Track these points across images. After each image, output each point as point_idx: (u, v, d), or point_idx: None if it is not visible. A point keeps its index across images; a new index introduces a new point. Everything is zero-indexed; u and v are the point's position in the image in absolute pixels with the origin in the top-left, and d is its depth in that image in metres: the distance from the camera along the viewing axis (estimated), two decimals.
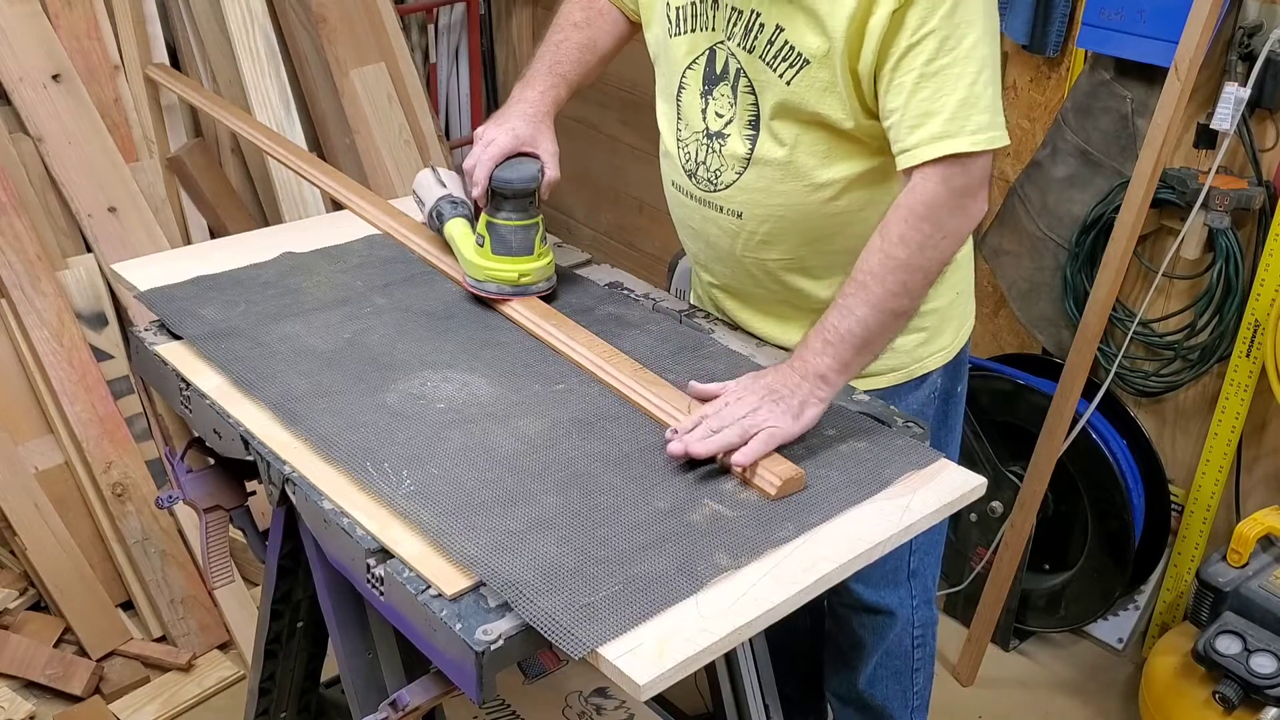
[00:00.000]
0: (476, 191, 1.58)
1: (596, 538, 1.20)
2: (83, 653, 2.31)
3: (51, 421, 2.32)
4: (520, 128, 1.60)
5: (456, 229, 1.66)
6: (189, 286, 1.65)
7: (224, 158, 2.68)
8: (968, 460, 2.04)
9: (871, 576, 1.80)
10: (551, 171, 1.60)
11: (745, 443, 1.31)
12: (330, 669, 1.71)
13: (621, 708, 1.95)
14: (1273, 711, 1.99)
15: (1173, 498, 2.41)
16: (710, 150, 1.55)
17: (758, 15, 1.44)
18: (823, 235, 1.54)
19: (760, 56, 1.45)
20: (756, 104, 1.48)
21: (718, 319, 1.69)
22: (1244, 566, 2.11)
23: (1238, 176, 2.17)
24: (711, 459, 1.32)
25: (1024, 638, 2.59)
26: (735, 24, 1.47)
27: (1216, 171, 2.13)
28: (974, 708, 2.41)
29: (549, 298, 1.66)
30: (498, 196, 1.56)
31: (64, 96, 2.37)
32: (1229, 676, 2.02)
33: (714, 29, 1.50)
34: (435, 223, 1.71)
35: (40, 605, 2.38)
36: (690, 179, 1.59)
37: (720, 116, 1.53)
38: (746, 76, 1.48)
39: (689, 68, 1.55)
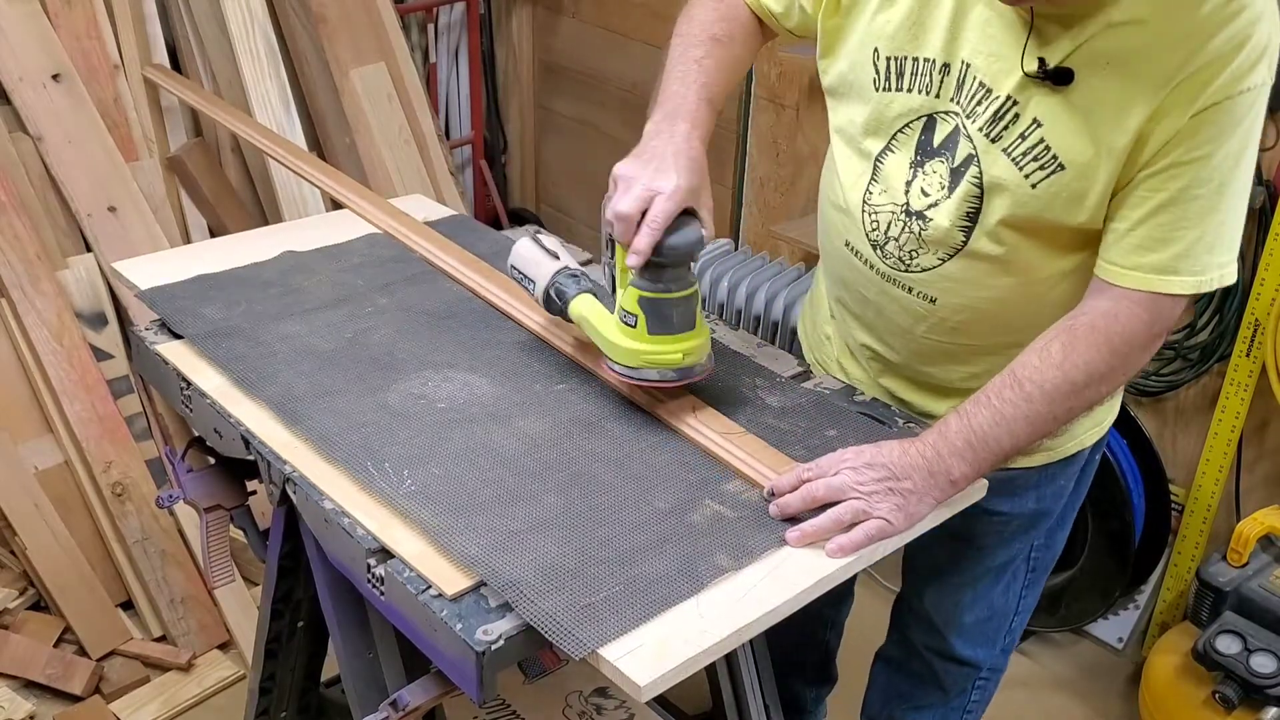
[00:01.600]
0: (635, 260, 1.27)
1: (597, 538, 1.20)
2: (83, 652, 2.31)
3: (51, 421, 2.32)
4: (685, 181, 1.29)
5: (587, 307, 1.39)
6: (190, 285, 1.65)
7: (224, 157, 2.68)
8: None
9: (975, 634, 1.74)
10: (710, 230, 1.32)
11: (847, 528, 1.21)
12: (330, 669, 1.71)
13: (622, 708, 1.95)
14: (1273, 711, 1.99)
15: (1173, 497, 2.41)
16: (907, 230, 1.37)
17: (1013, 104, 1.26)
18: (1029, 324, 1.35)
19: (1004, 149, 1.27)
20: (981, 198, 1.31)
21: (717, 320, 1.69)
22: (1244, 566, 2.11)
23: None
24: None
25: (1024, 637, 2.59)
26: (978, 102, 1.29)
27: None
28: None
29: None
30: (655, 266, 1.28)
31: (64, 96, 2.37)
32: (1229, 676, 2.02)
33: (937, 95, 1.32)
34: (556, 303, 1.43)
35: (40, 605, 2.38)
36: (874, 250, 1.41)
37: (926, 196, 1.35)
38: (979, 166, 1.30)
39: (901, 130, 1.36)
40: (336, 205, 2.02)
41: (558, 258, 1.46)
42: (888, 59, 1.35)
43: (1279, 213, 2.10)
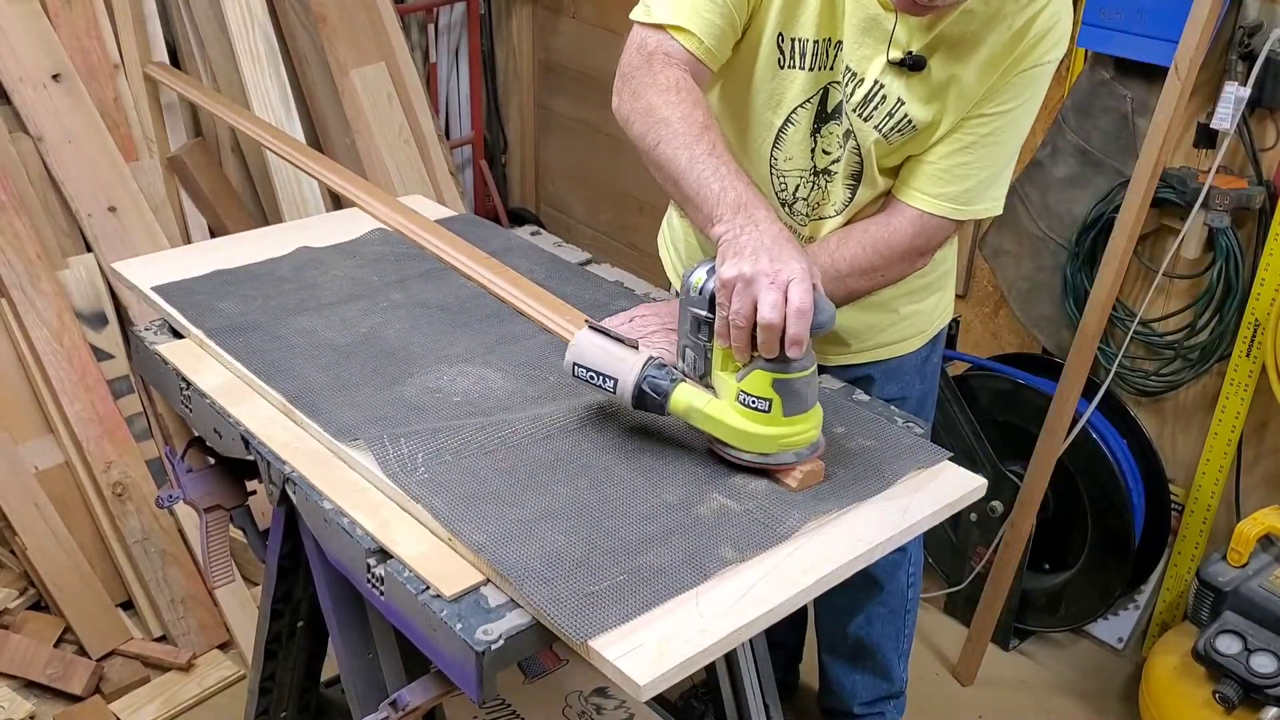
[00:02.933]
0: (798, 351, 1.20)
1: (604, 528, 1.21)
2: (83, 652, 2.31)
3: (51, 421, 2.32)
4: (805, 261, 1.24)
5: (694, 398, 1.28)
6: (206, 281, 1.67)
7: (224, 157, 2.68)
8: (968, 460, 2.04)
9: None
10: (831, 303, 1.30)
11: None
12: (330, 669, 1.71)
13: (621, 708, 1.95)
14: (1273, 711, 1.99)
15: (1173, 497, 2.41)
16: (815, 186, 1.58)
17: (880, 86, 1.47)
18: None
19: (875, 125, 1.49)
20: (861, 162, 1.53)
21: None
22: (1244, 566, 2.11)
23: (1238, 176, 2.17)
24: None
25: (1024, 637, 2.59)
26: (852, 87, 1.49)
27: (1217, 171, 2.13)
28: (974, 707, 2.41)
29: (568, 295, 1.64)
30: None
31: (64, 96, 2.37)
32: (1229, 676, 2.02)
33: (833, 69, 1.49)
34: (654, 398, 1.29)
35: (40, 605, 2.38)
36: (784, 208, 1.60)
37: (828, 154, 1.55)
38: (855, 139, 1.51)
39: (801, 106, 1.53)
40: (337, 204, 2.02)
41: (636, 347, 1.31)
42: (793, 41, 1.49)
43: (1279, 213, 2.10)
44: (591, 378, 1.31)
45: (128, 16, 2.49)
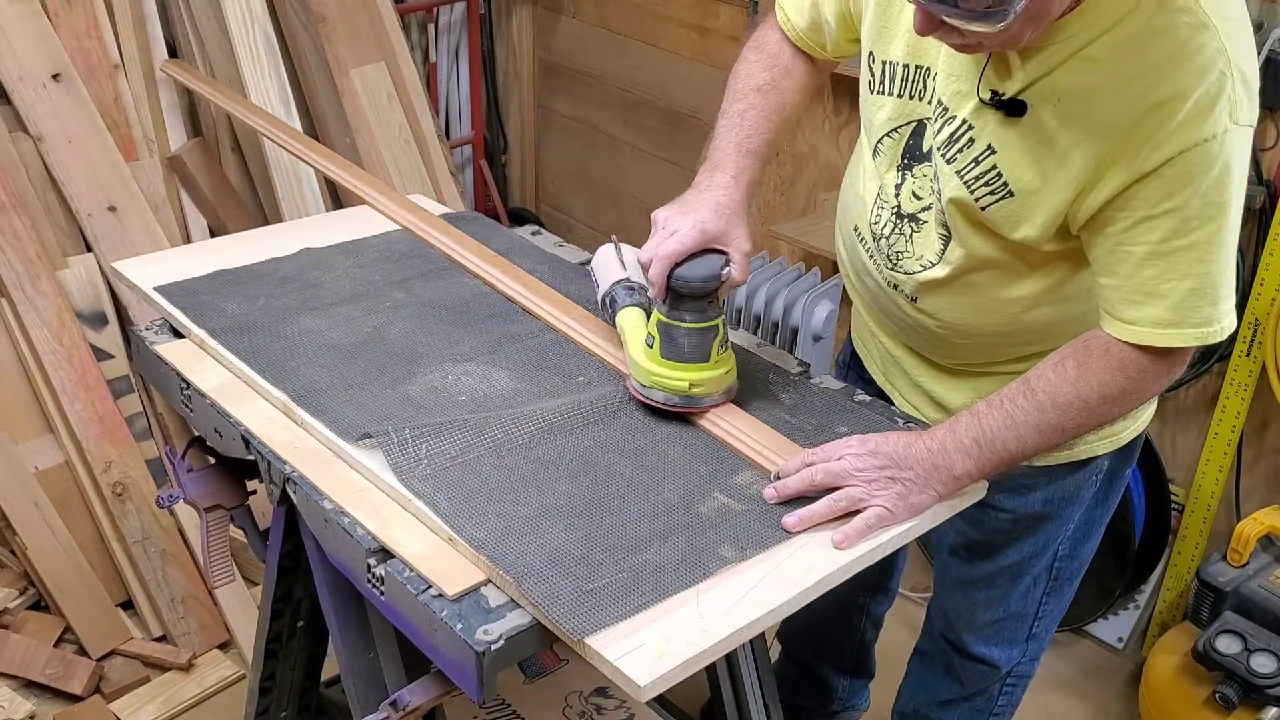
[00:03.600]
0: (654, 291, 1.37)
1: (605, 526, 1.21)
2: (83, 652, 2.31)
3: (51, 421, 2.32)
4: (709, 221, 1.36)
5: (628, 321, 1.46)
6: (209, 280, 1.67)
7: (224, 157, 2.68)
8: None
9: (989, 633, 1.76)
10: (739, 273, 1.37)
11: (844, 514, 1.23)
12: (330, 669, 1.71)
13: (621, 708, 1.95)
14: (1273, 711, 1.99)
15: (1173, 497, 2.41)
16: (898, 230, 1.43)
17: (968, 128, 1.29)
18: (1007, 342, 1.44)
19: (958, 171, 1.31)
20: (944, 211, 1.36)
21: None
22: (1244, 566, 2.11)
23: None
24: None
25: None
26: (940, 122, 1.32)
27: None
28: None
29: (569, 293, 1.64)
30: (673, 294, 1.35)
31: (64, 96, 2.37)
32: (1229, 676, 2.02)
33: (929, 102, 1.33)
34: (607, 311, 1.51)
35: (40, 605, 2.38)
36: (875, 241, 1.47)
37: (918, 199, 1.39)
38: (938, 183, 1.35)
39: (888, 135, 1.40)
40: (336, 204, 2.02)
41: (625, 269, 1.51)
42: (883, 64, 1.38)
43: (1279, 213, 2.10)
44: (594, 280, 1.57)
45: (128, 16, 2.49)
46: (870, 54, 1.39)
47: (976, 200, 1.30)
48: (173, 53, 2.64)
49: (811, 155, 2.86)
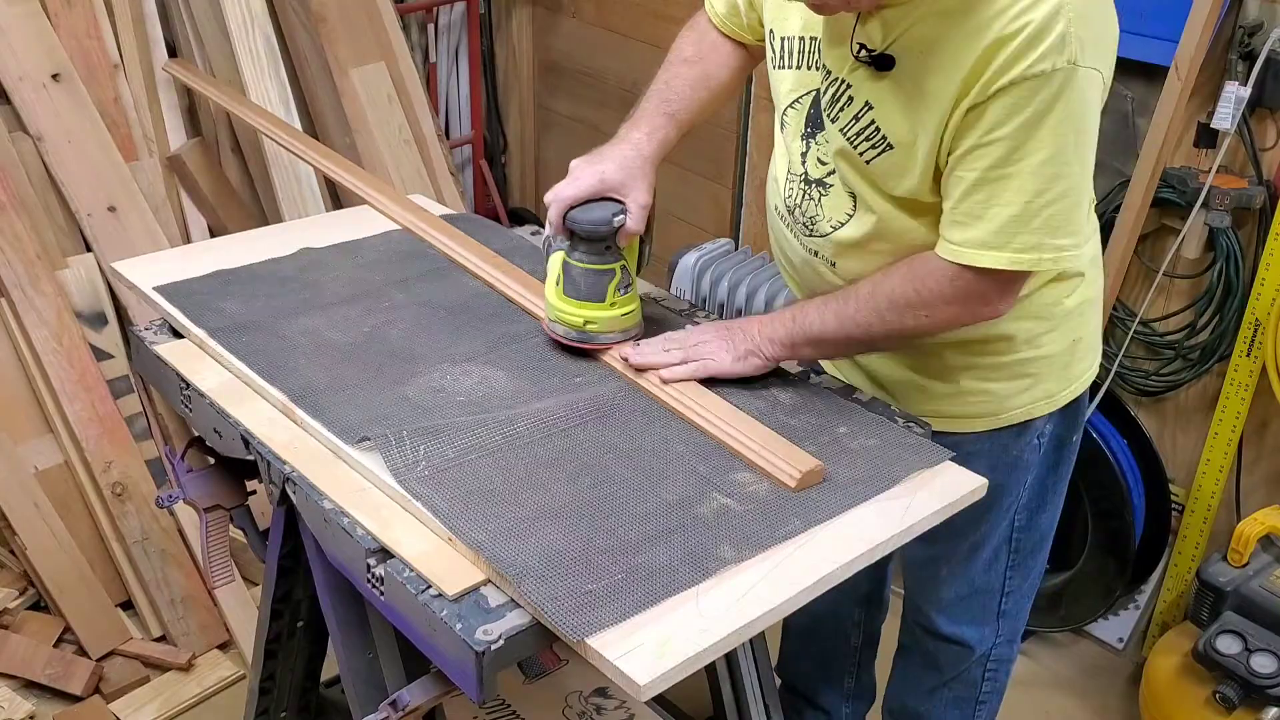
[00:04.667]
0: (549, 230, 1.49)
1: (603, 527, 1.21)
2: (83, 652, 2.31)
3: (51, 421, 2.32)
4: (610, 172, 1.47)
5: (552, 263, 1.53)
6: (208, 280, 1.67)
7: (224, 157, 2.68)
8: None
9: (957, 611, 1.79)
10: (632, 223, 1.46)
11: (683, 364, 1.43)
12: (330, 669, 1.71)
13: (621, 708, 1.95)
14: (1273, 711, 1.98)
15: (1173, 497, 2.41)
16: (807, 197, 1.50)
17: (847, 86, 1.37)
18: None
19: (841, 129, 1.39)
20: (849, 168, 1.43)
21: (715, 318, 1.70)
22: (1244, 566, 2.11)
23: (1238, 176, 2.16)
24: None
25: (1024, 637, 2.58)
26: (825, 84, 1.41)
27: (1217, 171, 2.13)
28: None
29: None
30: (574, 236, 1.47)
31: (64, 96, 2.37)
32: (1229, 676, 2.02)
33: (818, 69, 1.42)
34: (545, 255, 1.58)
35: (40, 605, 2.38)
36: (790, 214, 1.55)
37: (822, 165, 1.46)
38: (827, 145, 1.43)
39: (791, 106, 1.48)
40: (336, 204, 2.02)
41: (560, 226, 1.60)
42: (783, 40, 1.47)
43: (1279, 213, 2.10)
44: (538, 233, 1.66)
45: (128, 16, 2.49)
46: (771, 31, 1.49)
47: (861, 155, 1.39)
48: (172, 53, 2.64)
49: None
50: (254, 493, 1.64)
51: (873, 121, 1.36)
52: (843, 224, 1.47)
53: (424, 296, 1.66)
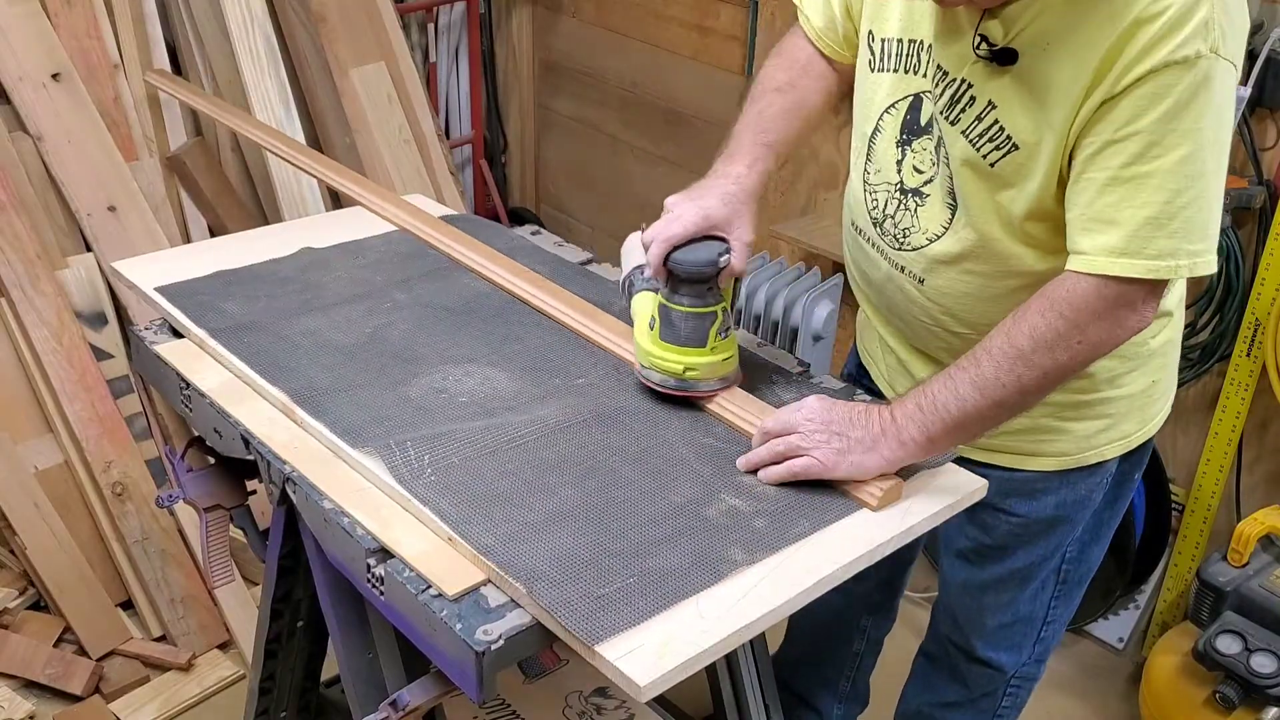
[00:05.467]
0: (649, 271, 1.40)
1: (612, 530, 1.21)
2: (83, 652, 2.31)
3: (51, 421, 2.32)
4: (714, 208, 1.39)
5: (640, 305, 1.47)
6: (210, 281, 1.67)
7: (224, 157, 2.68)
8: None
9: (997, 637, 1.76)
10: (737, 261, 1.38)
11: (781, 461, 1.29)
12: (330, 669, 1.71)
13: (621, 708, 1.95)
14: (1273, 711, 1.99)
15: (1173, 497, 2.41)
16: (903, 207, 1.42)
17: (968, 86, 1.30)
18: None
19: (963, 131, 1.32)
20: (953, 177, 1.36)
21: None
22: (1244, 566, 2.11)
23: (1238, 175, 2.16)
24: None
25: None
26: (936, 84, 1.34)
27: None
28: None
29: (581, 289, 1.64)
30: (672, 277, 1.38)
31: (63, 95, 2.37)
32: (1229, 676, 2.02)
33: (925, 75, 1.36)
34: (625, 296, 1.53)
35: (40, 605, 2.37)
36: (875, 228, 1.47)
37: (919, 173, 1.40)
38: (945, 149, 1.35)
39: (887, 111, 1.41)
40: (336, 204, 2.02)
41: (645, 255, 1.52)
42: (883, 41, 1.41)
43: (1279, 213, 2.10)
44: (623, 263, 1.58)
45: (128, 16, 2.49)
46: (869, 33, 1.42)
47: (985, 157, 1.30)
48: (173, 53, 2.64)
49: (811, 156, 2.86)
50: (254, 493, 1.64)
51: (996, 121, 1.28)
52: (939, 236, 1.39)
53: (426, 297, 1.66)
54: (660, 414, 1.42)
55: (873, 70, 1.43)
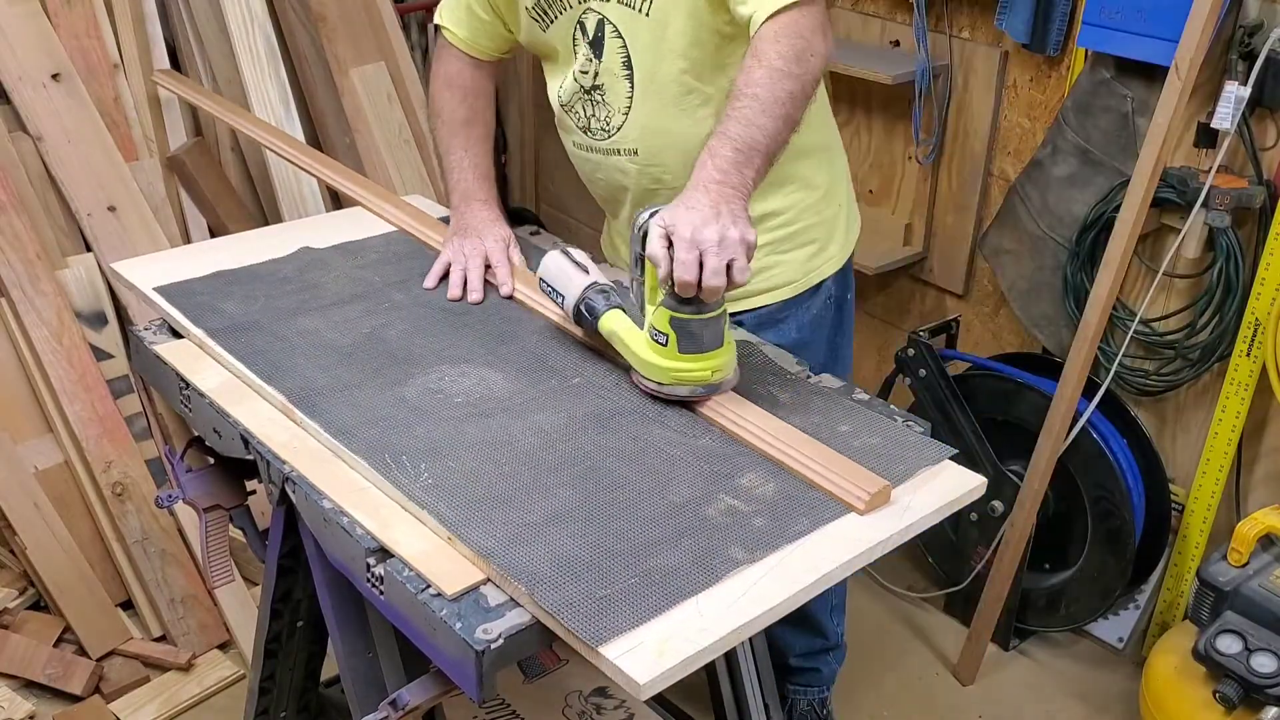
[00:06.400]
0: (690, 292, 1.35)
1: (612, 531, 1.21)
2: (82, 652, 2.31)
3: (51, 421, 2.32)
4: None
5: (617, 323, 1.45)
6: (209, 281, 1.67)
7: (224, 157, 2.68)
8: (968, 460, 2.04)
9: None
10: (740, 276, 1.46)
11: (724, 261, 1.32)
12: (330, 668, 1.71)
13: (621, 707, 1.95)
14: (1273, 711, 1.98)
15: (1173, 497, 2.41)
16: (591, 102, 1.68)
17: None
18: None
19: (622, 1, 1.57)
20: (625, 45, 1.60)
21: None
22: (1244, 566, 2.10)
23: (1238, 175, 2.16)
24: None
25: (1024, 637, 2.58)
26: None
27: (1217, 170, 2.13)
28: (974, 707, 2.41)
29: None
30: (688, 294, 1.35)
31: (63, 95, 2.37)
32: (1229, 676, 2.02)
33: (572, 5, 1.62)
34: (587, 318, 1.48)
35: (40, 605, 2.38)
36: (586, 134, 1.72)
37: (585, 73, 1.66)
38: (611, 23, 1.60)
39: (574, 43, 1.66)
40: (336, 204, 2.02)
41: (587, 272, 1.51)
42: (534, 6, 1.67)
43: (1279, 213, 2.10)
44: (549, 292, 1.54)
45: (128, 16, 2.49)
46: (525, 9, 1.68)
47: (639, 10, 1.57)
48: (173, 53, 2.64)
49: None
50: (254, 493, 1.64)
51: None
52: (629, 108, 1.64)
53: (423, 298, 1.67)
54: (656, 414, 1.42)
55: (545, 30, 1.69)
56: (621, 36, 1.61)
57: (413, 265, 1.76)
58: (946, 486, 1.34)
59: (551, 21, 1.69)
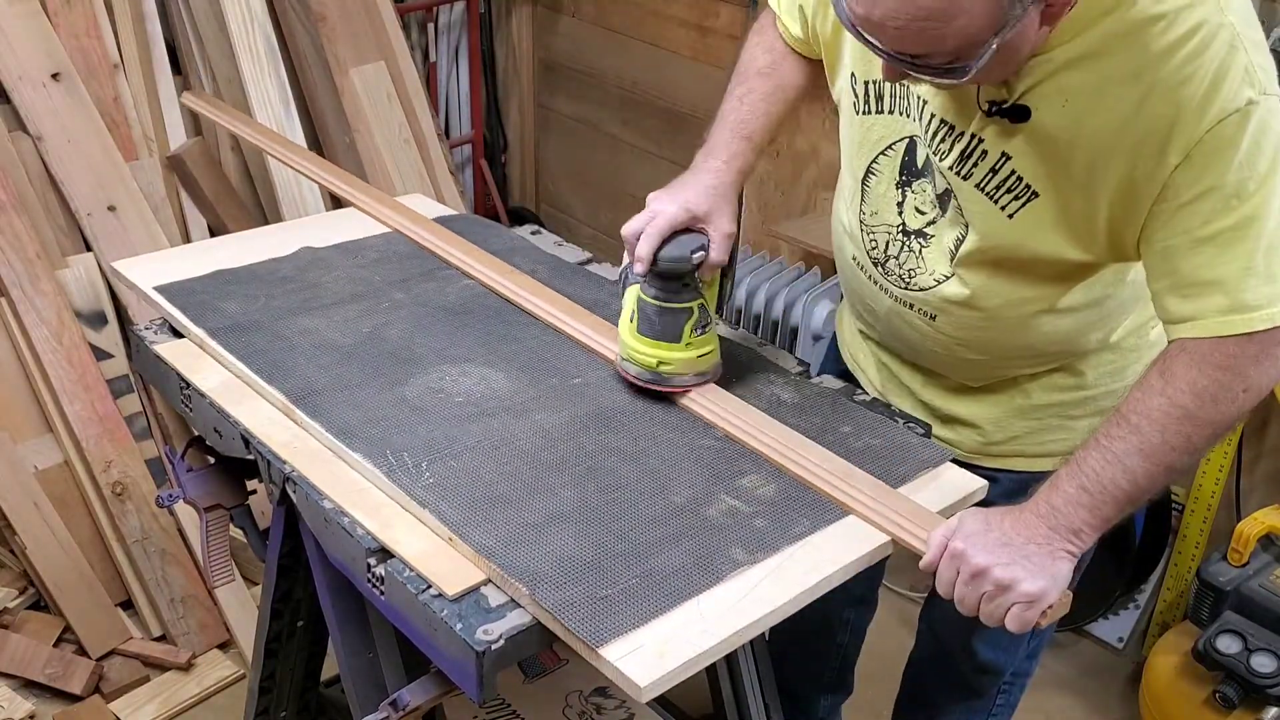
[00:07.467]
0: (638, 268, 1.37)
1: (613, 531, 1.21)
2: (82, 652, 2.31)
3: (51, 421, 2.31)
4: (695, 201, 1.38)
5: (628, 297, 1.45)
6: (209, 280, 1.67)
7: (224, 157, 2.68)
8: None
9: (994, 637, 1.70)
10: (716, 253, 1.38)
11: (1002, 610, 1.18)
12: (330, 668, 1.71)
13: (621, 707, 1.95)
14: (1273, 711, 1.99)
15: (1173, 497, 2.41)
16: (907, 249, 1.40)
17: (979, 141, 1.27)
18: (1036, 352, 1.42)
19: (977, 184, 1.29)
20: (967, 229, 1.33)
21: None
22: (1244, 566, 2.11)
23: None
24: None
25: None
26: (942, 139, 1.30)
27: None
28: None
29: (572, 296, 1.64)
30: (653, 273, 1.37)
31: (63, 95, 2.36)
32: (1229, 676, 2.02)
33: (915, 119, 1.34)
34: (621, 288, 1.49)
35: (40, 604, 2.37)
36: (877, 267, 1.45)
37: (921, 214, 1.37)
38: (958, 200, 1.33)
39: (882, 154, 1.40)
40: (336, 204, 2.02)
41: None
42: (865, 84, 1.38)
43: None
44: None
45: (128, 16, 2.49)
46: (853, 75, 1.40)
47: (1004, 209, 1.28)
48: (172, 52, 2.64)
49: (812, 155, 2.86)
50: (254, 492, 1.64)
51: (1013, 171, 1.25)
52: (947, 278, 1.37)
53: (424, 297, 1.66)
54: (657, 414, 1.42)
55: (858, 113, 1.41)
56: (966, 221, 1.33)
57: (413, 264, 1.76)
58: (947, 487, 1.34)
59: (872, 111, 1.39)
